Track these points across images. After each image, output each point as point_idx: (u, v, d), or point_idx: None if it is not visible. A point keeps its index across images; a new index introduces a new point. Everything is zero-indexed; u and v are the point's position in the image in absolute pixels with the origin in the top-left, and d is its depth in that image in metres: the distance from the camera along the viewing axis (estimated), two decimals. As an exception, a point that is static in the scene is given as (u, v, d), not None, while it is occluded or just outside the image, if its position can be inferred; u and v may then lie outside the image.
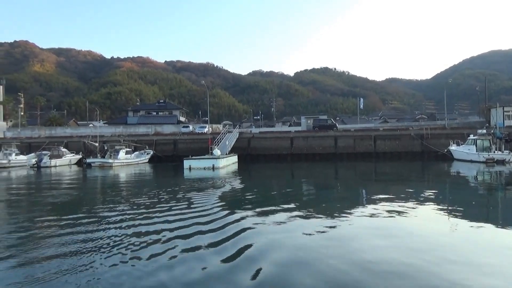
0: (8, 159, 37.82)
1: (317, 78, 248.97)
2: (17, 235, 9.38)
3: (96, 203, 14.52)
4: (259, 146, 43.70)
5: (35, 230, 10.05)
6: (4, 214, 12.98)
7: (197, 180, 23.37)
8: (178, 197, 15.34)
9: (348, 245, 7.97)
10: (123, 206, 13.52)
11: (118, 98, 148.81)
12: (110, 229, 9.76)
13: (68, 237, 8.91)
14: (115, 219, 10.98)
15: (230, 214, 11.33)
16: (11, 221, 11.40)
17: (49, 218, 11.75)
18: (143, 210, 12.57)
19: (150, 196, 15.90)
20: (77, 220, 10.98)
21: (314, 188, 20.13)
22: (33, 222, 11.06)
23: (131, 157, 38.85)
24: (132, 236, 8.87)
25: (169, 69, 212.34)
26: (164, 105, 78.30)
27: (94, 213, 12.23)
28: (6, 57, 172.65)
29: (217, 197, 15.34)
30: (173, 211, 12.05)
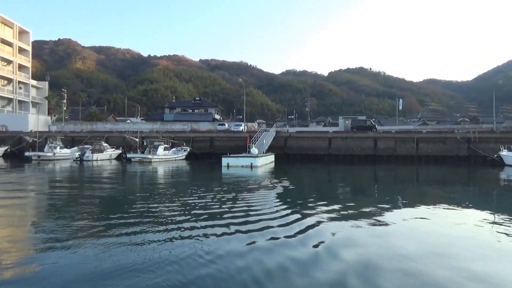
0: (53, 152, 39.24)
1: (352, 78, 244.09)
2: (72, 226, 9.33)
3: (150, 199, 14.39)
4: (296, 146, 43.00)
5: (93, 222, 9.97)
6: (56, 206, 13.13)
7: (238, 178, 23.11)
8: (229, 194, 15.09)
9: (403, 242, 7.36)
10: (179, 202, 13.34)
11: (154, 95, 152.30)
12: (177, 224, 9.58)
13: (128, 233, 8.73)
14: (177, 215, 10.79)
15: (296, 213, 11.09)
16: (65, 214, 11.47)
17: (106, 213, 11.71)
18: (202, 207, 12.27)
19: (202, 193, 15.65)
20: (143, 217, 10.86)
21: (362, 191, 19.28)
22: (90, 215, 11.04)
23: (169, 153, 39.31)
24: (204, 233, 8.65)
25: (203, 67, 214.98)
26: (200, 103, 79.10)
27: (153, 208, 12.00)
28: (51, 54, 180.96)
29: (269, 195, 15.13)
30: (232, 208, 11.86)
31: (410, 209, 12.91)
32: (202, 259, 6.71)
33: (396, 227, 9.85)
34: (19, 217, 11.40)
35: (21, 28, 74.36)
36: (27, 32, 76.82)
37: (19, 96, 72.82)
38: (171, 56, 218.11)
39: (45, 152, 39.18)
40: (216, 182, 20.12)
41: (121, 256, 6.91)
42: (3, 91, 68.30)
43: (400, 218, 10.97)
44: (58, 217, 10.83)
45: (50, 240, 8.09)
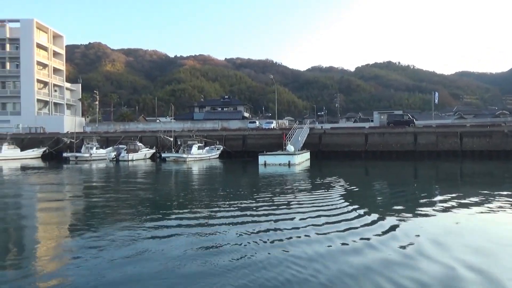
0: (90, 152, 39.83)
1: (380, 73, 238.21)
2: (121, 227, 8.86)
3: (203, 200, 13.87)
4: (331, 142, 41.78)
5: (149, 222, 9.49)
6: (107, 207, 12.78)
7: (281, 177, 22.40)
8: (280, 193, 14.42)
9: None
10: (237, 203, 12.81)
11: (182, 94, 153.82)
12: (248, 226, 9.13)
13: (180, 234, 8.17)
14: (235, 215, 10.40)
15: (369, 213, 10.60)
16: (112, 214, 11.06)
17: (162, 213, 11.24)
18: (266, 209, 11.64)
19: (257, 194, 15.02)
20: (199, 216, 10.30)
21: (422, 188, 18.04)
22: (146, 215, 10.60)
23: (203, 152, 39.06)
24: (283, 236, 8.19)
25: (229, 66, 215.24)
26: (229, 101, 78.93)
27: (216, 211, 11.44)
28: (82, 58, 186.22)
29: (327, 194, 14.50)
30: (300, 209, 11.25)
31: (481, 207, 11.92)
32: (293, 263, 6.22)
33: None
34: (68, 217, 11.10)
35: (55, 32, 76.51)
36: (60, 36, 78.98)
37: (54, 99, 75.01)
38: (197, 56, 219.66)
39: (82, 153, 39.83)
40: (261, 182, 19.46)
41: (200, 258, 6.42)
42: (40, 94, 70.47)
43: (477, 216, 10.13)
44: (111, 219, 10.43)
45: (99, 241, 7.83)
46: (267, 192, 15.13)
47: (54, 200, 15.61)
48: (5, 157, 41.36)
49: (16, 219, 11.32)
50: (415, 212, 10.97)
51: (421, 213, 10.81)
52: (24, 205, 14.52)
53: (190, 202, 13.35)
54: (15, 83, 69.75)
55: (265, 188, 16.60)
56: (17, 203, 15.11)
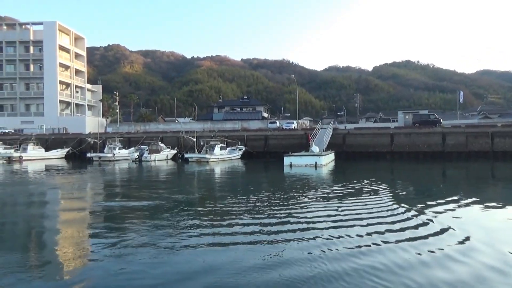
0: (113, 153, 39.98)
1: (398, 72, 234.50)
2: (153, 230, 8.45)
3: (239, 203, 13.38)
4: (355, 143, 40.86)
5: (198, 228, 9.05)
6: (140, 210, 12.42)
7: (310, 178, 21.82)
8: (323, 198, 13.83)
9: None
10: (273, 206, 12.42)
11: (199, 95, 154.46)
12: (292, 227, 8.88)
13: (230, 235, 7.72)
14: (287, 221, 9.85)
15: (417, 215, 10.26)
16: (143, 217, 10.67)
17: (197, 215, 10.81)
18: (308, 212, 11.18)
19: (290, 196, 14.51)
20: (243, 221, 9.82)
21: (463, 189, 17.18)
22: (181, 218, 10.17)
23: (225, 152, 38.72)
24: (332, 236, 8.02)
25: (245, 66, 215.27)
26: (248, 101, 78.63)
27: (254, 214, 11.02)
28: (101, 59, 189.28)
29: (369, 196, 14.03)
30: (344, 213, 10.90)
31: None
32: (373, 275, 5.80)
33: None
34: (100, 219, 10.77)
35: (77, 34, 77.66)
36: (82, 38, 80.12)
37: (76, 100, 76.15)
38: (213, 56, 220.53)
39: (105, 153, 40.02)
40: (294, 184, 18.82)
41: (262, 270, 5.99)
42: (62, 95, 71.57)
43: None
44: (141, 221, 10.03)
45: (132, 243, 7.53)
46: (307, 197, 14.43)
47: (84, 201, 15.41)
48: (30, 157, 41.95)
49: (43, 220, 11.26)
50: (459, 211, 10.30)
51: (465, 212, 10.19)
52: (52, 205, 14.35)
53: (227, 206, 12.86)
54: (38, 84, 71.08)
55: (301, 192, 15.94)
56: (46, 204, 14.97)
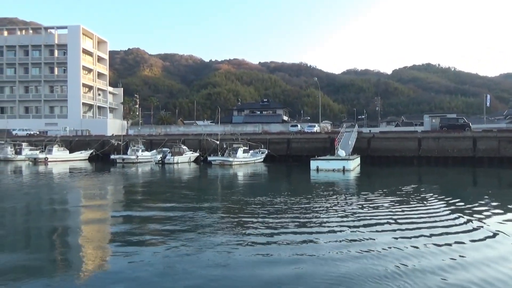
0: (136, 155, 40.08)
1: (418, 75, 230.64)
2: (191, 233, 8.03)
3: (277, 210, 12.91)
4: (381, 147, 39.84)
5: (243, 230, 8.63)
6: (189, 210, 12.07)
7: (343, 183, 21.20)
8: (367, 205, 13.25)
9: None
10: (326, 212, 11.97)
11: (217, 98, 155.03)
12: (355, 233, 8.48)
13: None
14: (338, 230, 9.43)
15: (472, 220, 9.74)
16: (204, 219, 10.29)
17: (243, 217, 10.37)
18: (357, 221, 10.67)
19: (332, 204, 13.84)
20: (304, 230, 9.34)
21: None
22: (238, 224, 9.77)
23: (248, 155, 38.30)
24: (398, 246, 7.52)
25: (263, 70, 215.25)
26: (267, 104, 78.21)
27: (300, 224, 10.46)
28: (122, 63, 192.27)
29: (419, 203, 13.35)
30: (396, 220, 10.35)
31: None
32: None
33: None
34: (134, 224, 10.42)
35: (99, 38, 78.90)
36: (104, 42, 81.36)
37: (98, 102, 77.25)
38: (231, 60, 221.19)
39: (129, 155, 40.15)
40: (327, 190, 18.19)
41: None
42: (85, 98, 72.70)
43: None
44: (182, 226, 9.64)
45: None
46: (348, 204, 13.77)
47: (115, 204, 15.19)
48: (55, 158, 42.48)
49: (72, 221, 11.15)
50: None
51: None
52: (81, 207, 14.15)
53: (266, 212, 12.38)
54: (62, 87, 72.41)
55: (342, 198, 15.31)
56: (74, 206, 14.80)
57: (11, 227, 10.89)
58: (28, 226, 10.97)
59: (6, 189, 19.98)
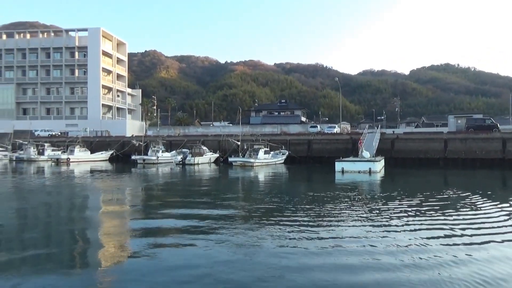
0: (157, 156, 40.05)
1: (437, 76, 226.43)
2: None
3: (318, 214, 12.44)
4: (405, 149, 38.81)
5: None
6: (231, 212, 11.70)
7: (369, 185, 20.53)
8: (416, 211, 12.65)
9: None
10: (375, 215, 11.46)
11: (233, 99, 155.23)
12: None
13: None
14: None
15: None
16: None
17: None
18: (411, 225, 10.13)
19: (375, 209, 13.36)
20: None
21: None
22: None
23: (269, 157, 37.81)
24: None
25: (279, 71, 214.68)
26: (285, 105, 77.62)
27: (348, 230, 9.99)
28: (139, 65, 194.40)
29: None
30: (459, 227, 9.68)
31: None
32: None
33: None
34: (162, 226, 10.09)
35: (118, 40, 79.73)
36: (123, 43, 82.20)
37: (117, 104, 78.04)
38: (247, 61, 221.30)
39: (149, 156, 40.16)
40: (361, 193, 17.60)
41: None
42: (104, 99, 73.51)
43: None
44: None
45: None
46: (389, 209, 13.17)
47: (141, 205, 14.94)
48: (77, 159, 42.86)
49: (95, 221, 10.74)
50: None
51: None
52: (110, 209, 13.92)
53: (304, 215, 11.90)
54: (82, 88, 73.40)
55: (375, 202, 14.67)
56: (101, 206, 14.61)
57: (46, 227, 10.72)
58: (58, 223, 10.80)
59: (34, 189, 20.04)
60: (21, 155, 45.85)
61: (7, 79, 73.44)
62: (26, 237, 9.32)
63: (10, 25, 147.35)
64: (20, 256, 7.49)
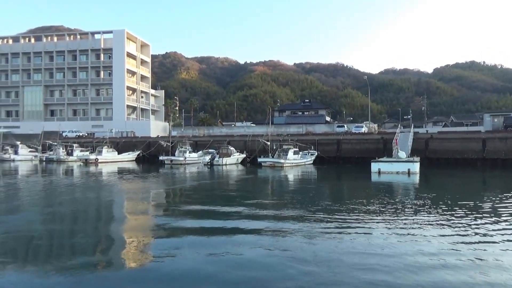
0: (184, 156, 39.84)
1: (462, 74, 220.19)
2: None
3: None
4: (440, 149, 37.34)
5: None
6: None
7: (413, 188, 19.49)
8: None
9: None
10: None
11: (253, 100, 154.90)
12: None
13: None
14: None
15: None
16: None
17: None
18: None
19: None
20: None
21: None
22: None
23: (298, 157, 37.00)
24: None
25: (298, 70, 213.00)
26: (309, 105, 76.57)
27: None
28: (160, 67, 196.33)
29: None
30: None
31: None
32: None
33: None
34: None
35: (142, 41, 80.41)
36: (147, 45, 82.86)
37: (141, 105, 78.66)
38: (266, 61, 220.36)
39: (177, 157, 39.99)
40: (405, 193, 16.68)
41: None
42: (129, 100, 74.18)
43: None
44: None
45: None
46: (445, 213, 12.33)
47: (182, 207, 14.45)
48: (105, 159, 43.14)
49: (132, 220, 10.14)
50: None
51: None
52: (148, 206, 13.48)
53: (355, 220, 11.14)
54: (107, 90, 74.31)
55: (427, 206, 13.80)
56: (144, 207, 14.20)
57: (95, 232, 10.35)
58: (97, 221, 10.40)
59: (74, 189, 19.95)
60: (51, 155, 46.57)
61: (35, 81, 75.11)
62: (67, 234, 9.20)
63: (37, 29, 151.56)
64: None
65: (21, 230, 10.04)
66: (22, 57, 75.36)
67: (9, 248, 8.28)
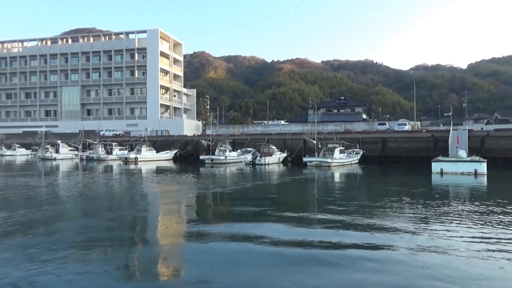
0: (225, 155, 39.06)
1: (499, 69, 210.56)
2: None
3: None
4: (498, 147, 34.94)
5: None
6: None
7: (487, 190, 17.76)
8: None
9: None
10: None
11: (282, 98, 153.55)
12: None
13: None
14: None
15: None
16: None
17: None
18: None
19: None
20: None
21: None
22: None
23: (344, 156, 35.48)
24: None
25: (326, 68, 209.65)
26: (345, 102, 74.53)
27: None
28: (188, 66, 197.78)
29: None
30: None
31: None
32: None
33: None
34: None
35: (175, 40, 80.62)
36: (179, 44, 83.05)
37: (174, 103, 78.87)
38: (293, 59, 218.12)
39: (217, 156, 39.29)
40: (481, 198, 15.06)
41: None
42: (162, 99, 74.47)
43: None
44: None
45: None
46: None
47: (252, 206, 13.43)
48: (144, 158, 43.04)
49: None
50: None
51: None
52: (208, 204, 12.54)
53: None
54: (141, 89, 74.89)
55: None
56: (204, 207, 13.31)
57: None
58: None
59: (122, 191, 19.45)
60: (91, 154, 46.99)
61: (72, 81, 76.68)
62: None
63: (71, 32, 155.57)
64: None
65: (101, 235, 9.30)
66: (60, 58, 77.11)
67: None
